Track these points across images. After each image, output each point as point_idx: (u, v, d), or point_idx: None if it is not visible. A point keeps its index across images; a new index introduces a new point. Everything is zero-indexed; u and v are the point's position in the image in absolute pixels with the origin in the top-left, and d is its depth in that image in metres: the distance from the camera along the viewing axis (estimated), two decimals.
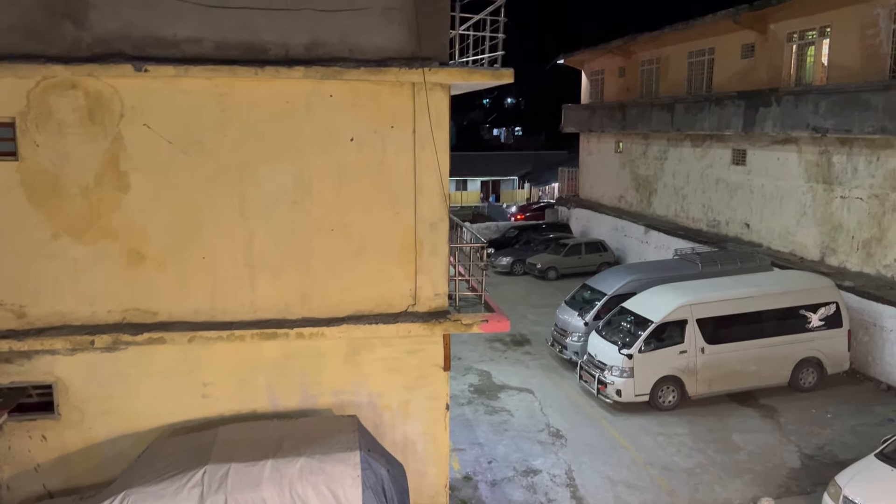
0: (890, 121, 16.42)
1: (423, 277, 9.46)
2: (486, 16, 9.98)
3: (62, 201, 8.46)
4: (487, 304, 10.23)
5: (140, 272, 8.81)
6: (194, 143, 8.60)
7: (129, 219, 8.64)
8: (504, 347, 19.80)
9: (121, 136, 8.42)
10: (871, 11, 18.30)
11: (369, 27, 8.73)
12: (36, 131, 8.24)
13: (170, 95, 8.43)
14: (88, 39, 8.11)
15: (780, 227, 21.87)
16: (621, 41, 30.80)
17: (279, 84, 8.63)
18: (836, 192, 19.55)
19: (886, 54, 17.90)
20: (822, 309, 16.27)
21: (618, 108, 30.92)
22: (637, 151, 30.88)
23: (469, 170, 56.32)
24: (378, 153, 9.08)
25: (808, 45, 21.39)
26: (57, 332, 8.69)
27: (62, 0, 8.01)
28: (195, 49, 8.34)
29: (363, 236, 9.21)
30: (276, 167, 8.84)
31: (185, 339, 8.87)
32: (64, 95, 8.22)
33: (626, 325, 16.23)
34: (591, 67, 35.69)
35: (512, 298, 24.87)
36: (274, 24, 8.49)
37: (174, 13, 8.19)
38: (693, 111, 24.82)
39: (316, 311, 9.25)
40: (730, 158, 24.40)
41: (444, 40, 8.95)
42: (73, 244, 8.60)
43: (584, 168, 37.00)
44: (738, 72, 23.94)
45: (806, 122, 19.10)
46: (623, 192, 32.24)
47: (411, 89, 8.95)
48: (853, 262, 19.01)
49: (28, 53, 7.98)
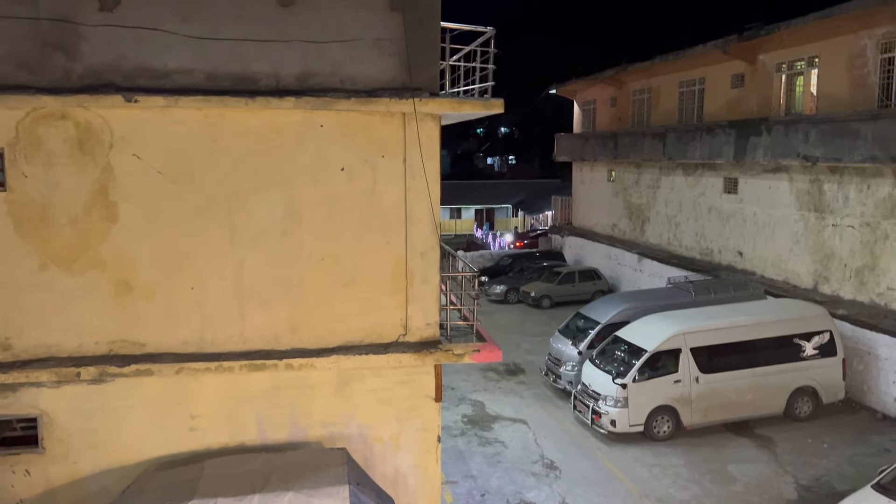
0: (879, 150, 16.55)
1: (414, 307, 9.39)
2: (476, 47, 10.05)
3: (50, 232, 8.40)
4: (479, 334, 10.14)
5: (128, 303, 8.72)
6: (184, 173, 8.57)
7: (117, 249, 8.57)
8: (498, 377, 19.66)
9: (110, 166, 8.39)
10: (858, 42, 18.56)
11: (360, 58, 8.77)
12: (24, 162, 8.21)
13: (160, 126, 8.42)
14: (79, 70, 8.12)
15: (772, 255, 21.92)
16: (612, 71, 31.14)
17: (270, 114, 8.64)
18: (827, 221, 19.63)
19: (875, 84, 18.12)
20: (816, 337, 16.24)
21: (610, 138, 31.15)
22: (629, 180, 31.04)
23: (463, 198, 56.55)
24: (369, 183, 9.06)
25: (796, 75, 21.65)
26: (43, 365, 8.56)
27: (54, 32, 8.03)
28: (186, 80, 8.35)
29: (354, 266, 9.15)
30: (267, 197, 8.81)
31: (173, 370, 8.75)
32: (53, 126, 8.20)
33: (620, 354, 16.15)
34: (583, 97, 36.03)
35: (506, 327, 24.77)
36: (265, 54, 8.52)
37: (165, 45, 8.21)
38: (684, 140, 25.02)
39: (306, 341, 9.16)
40: (722, 187, 24.53)
41: (434, 71, 8.99)
42: (60, 275, 8.52)
43: (577, 196, 37.15)
44: (729, 101, 24.18)
45: (796, 151, 19.25)
46: (616, 221, 32.34)
47: (402, 119, 8.96)
48: (846, 291, 19.02)
49: (18, 84, 7.98)
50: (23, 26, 7.95)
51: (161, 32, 8.16)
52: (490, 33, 9.78)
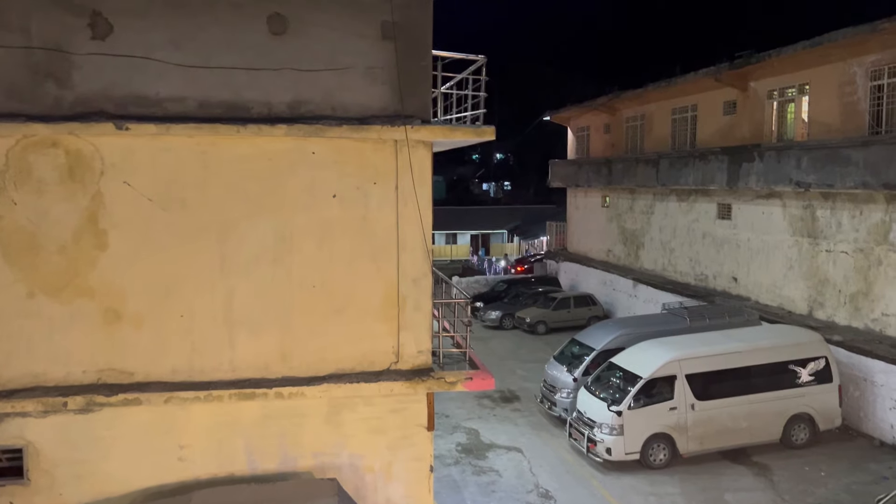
0: (871, 176, 16.64)
1: (406, 334, 9.32)
2: (467, 75, 10.11)
3: (39, 259, 8.34)
4: (472, 361, 10.05)
5: (117, 331, 8.63)
6: (175, 201, 8.54)
7: (106, 277, 8.51)
8: (493, 404, 19.50)
9: (100, 193, 8.35)
10: (847, 70, 18.74)
11: (352, 86, 8.80)
12: (14, 189, 8.17)
13: (151, 153, 8.41)
14: (70, 98, 8.12)
15: (767, 280, 21.92)
16: (606, 98, 31.39)
17: (261, 141, 8.64)
18: (821, 246, 19.66)
19: (865, 111, 18.26)
20: (812, 364, 16.18)
21: (604, 164, 31.30)
22: (624, 206, 31.13)
23: (459, 224, 56.63)
24: (361, 209, 9.04)
25: (788, 102, 21.84)
26: (29, 394, 8.44)
27: (46, 60, 8.04)
28: (177, 107, 8.36)
29: (345, 293, 9.10)
30: (258, 224, 8.78)
31: (162, 399, 8.64)
32: (44, 154, 8.18)
33: (615, 380, 16.05)
34: (577, 124, 36.27)
35: (501, 353, 24.65)
36: (257, 82, 8.55)
37: (157, 73, 8.23)
38: (678, 166, 25.15)
39: (296, 369, 9.06)
40: (715, 213, 24.61)
41: (426, 99, 9.03)
42: (48, 303, 8.44)
43: (571, 222, 37.23)
44: (721, 128, 24.35)
45: (789, 177, 19.35)
46: (611, 246, 32.37)
47: (394, 146, 8.97)
48: (841, 316, 18.99)
49: (10, 112, 7.97)
50: (15, 55, 7.97)
51: (153, 61, 8.18)
52: (481, 61, 9.84)
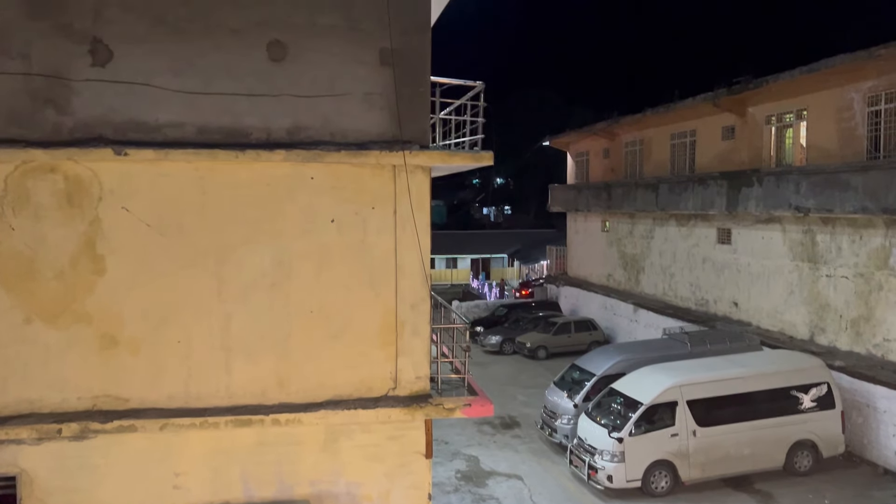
0: (870, 200, 16.65)
1: (404, 360, 9.24)
2: (466, 101, 10.16)
3: (36, 285, 8.31)
4: (471, 387, 9.97)
5: (113, 357, 8.57)
6: (173, 226, 8.54)
7: (103, 302, 8.47)
8: (493, 431, 19.33)
9: (98, 219, 8.35)
10: (845, 95, 18.85)
11: (351, 112, 8.84)
12: (12, 215, 8.17)
13: (150, 178, 8.41)
14: (70, 124, 8.15)
15: (768, 305, 21.84)
16: (605, 124, 31.57)
17: (260, 167, 8.65)
18: (821, 271, 19.63)
19: (863, 136, 18.33)
20: (814, 389, 16.06)
21: (603, 189, 31.38)
22: (623, 230, 31.15)
23: (459, 248, 56.67)
24: (359, 234, 9.03)
25: (786, 127, 21.94)
26: (23, 421, 8.36)
27: (46, 87, 8.09)
28: (177, 133, 8.39)
29: (343, 318, 9.05)
30: (256, 249, 8.76)
31: (157, 426, 8.55)
32: (42, 179, 8.19)
33: (616, 406, 15.93)
34: (576, 149, 36.43)
35: (501, 379, 24.50)
36: (256, 108, 8.58)
37: (156, 99, 8.27)
38: (677, 191, 25.20)
39: (293, 395, 8.98)
40: (715, 237, 24.61)
41: (424, 124, 9.06)
42: (45, 329, 8.39)
43: (571, 246, 37.24)
44: (720, 153, 24.44)
45: (788, 202, 19.37)
46: (611, 271, 32.34)
47: (392, 171, 8.98)
48: (843, 342, 18.89)
49: (9, 138, 8.00)
50: (15, 81, 8.01)
51: (152, 87, 8.23)
52: (479, 87, 9.90)
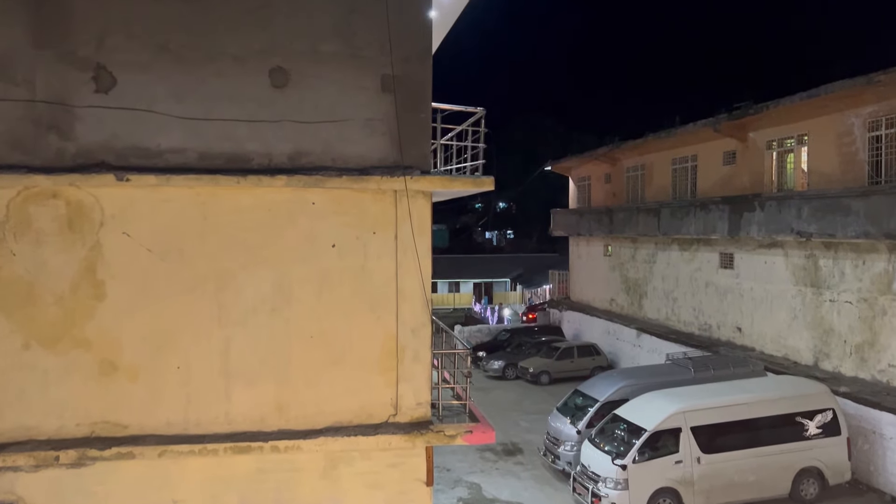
0: (872, 225, 16.63)
1: (404, 386, 9.18)
2: (467, 127, 10.20)
3: (35, 310, 8.29)
4: (473, 413, 9.89)
5: (112, 383, 8.52)
6: (173, 251, 8.54)
7: (103, 328, 8.44)
8: (495, 457, 19.15)
9: (99, 244, 8.36)
10: (845, 121, 18.92)
11: (352, 137, 8.88)
12: (13, 240, 8.18)
13: (151, 204, 8.43)
14: (72, 150, 8.19)
15: (771, 330, 21.73)
16: (606, 149, 31.69)
17: (261, 192, 8.67)
18: (825, 296, 19.54)
19: (864, 161, 18.36)
20: (819, 416, 15.91)
21: (605, 213, 31.41)
22: (626, 255, 31.12)
23: (462, 272, 56.60)
24: (359, 259, 9.02)
25: (787, 153, 21.99)
26: (21, 448, 8.28)
27: (49, 113, 8.14)
28: (178, 159, 8.42)
29: (343, 343, 9.00)
30: (256, 274, 8.75)
31: (156, 453, 8.47)
32: (44, 205, 8.21)
33: (619, 433, 15.78)
34: (578, 174, 36.53)
35: (503, 404, 24.32)
36: (258, 134, 8.62)
37: (159, 124, 8.31)
38: (679, 216, 25.20)
39: (293, 422, 8.91)
40: (717, 262, 24.56)
41: (425, 149, 9.09)
42: (44, 354, 8.36)
43: (574, 271, 37.17)
44: (721, 177, 24.48)
45: (790, 227, 19.35)
46: (614, 295, 32.25)
47: (393, 196, 9.00)
48: (847, 367, 18.75)
49: (11, 164, 8.03)
50: (18, 108, 8.07)
51: (155, 113, 8.28)
52: (480, 113, 9.95)
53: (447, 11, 10.87)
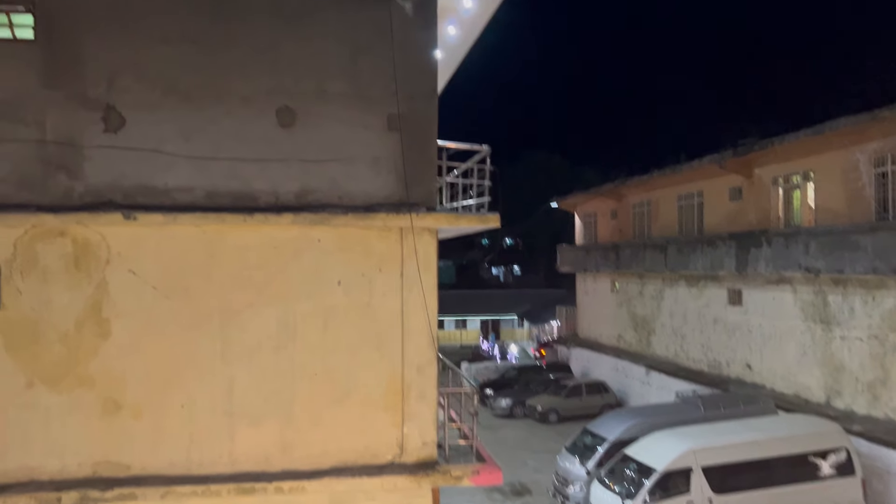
0: (881, 261, 16.52)
1: (410, 425, 9.07)
2: (473, 165, 10.25)
3: (40, 348, 8.27)
4: (479, 454, 9.75)
5: (115, 422, 8.46)
6: (179, 289, 8.54)
7: (107, 366, 8.41)
8: (503, 498, 18.83)
9: (105, 282, 8.37)
10: (850, 157, 18.93)
11: (358, 175, 8.93)
12: (20, 279, 8.20)
13: (157, 242, 8.46)
14: (80, 189, 8.26)
15: (781, 367, 21.47)
16: (612, 185, 31.79)
17: (268, 230, 8.70)
18: (834, 333, 19.34)
19: (871, 197, 18.32)
20: (833, 455, 15.61)
21: (611, 249, 31.36)
22: (633, 291, 30.98)
23: (468, 308, 56.36)
24: (365, 296, 8.99)
25: (793, 189, 21.99)
26: (23, 489, 8.20)
27: (58, 153, 8.23)
28: (185, 197, 8.47)
29: (348, 381, 8.93)
30: (261, 311, 8.72)
31: (158, 494, 8.36)
32: (51, 243, 8.25)
33: (629, 473, 15.52)
34: (584, 210, 36.59)
35: (511, 443, 24.00)
36: (265, 173, 8.68)
37: (166, 163, 8.39)
38: (686, 252, 25.13)
39: (297, 462, 8.79)
40: (726, 298, 24.40)
41: (431, 187, 9.12)
42: (47, 393, 8.31)
43: (581, 307, 36.99)
44: (728, 213, 24.46)
45: (798, 263, 19.24)
46: (622, 332, 32.02)
47: (399, 233, 9.01)
48: (860, 405, 18.46)
49: (20, 203, 8.09)
50: (28, 148, 8.17)
51: (163, 153, 8.36)
52: (485, 151, 10.01)
53: (453, 51, 11.03)
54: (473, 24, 10.13)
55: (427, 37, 9.05)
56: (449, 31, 10.11)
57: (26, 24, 8.35)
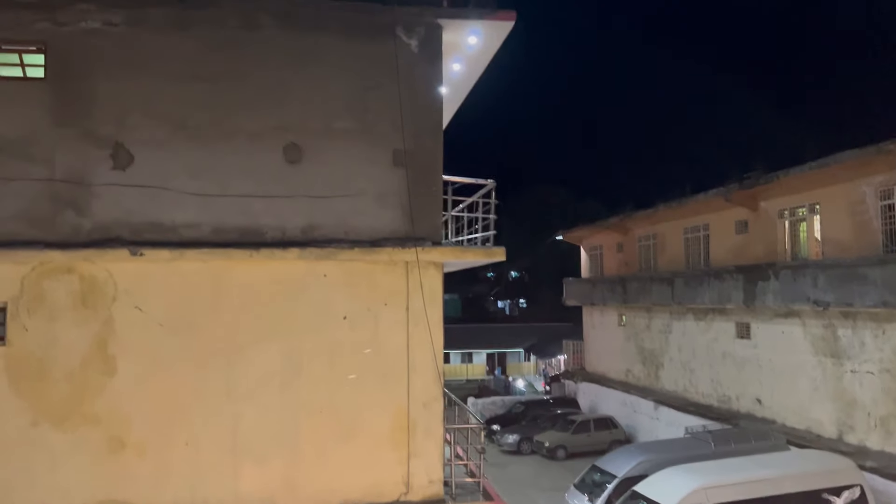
0: (891, 294, 16.37)
1: (416, 462, 8.97)
2: (478, 199, 10.29)
3: (45, 386, 8.24)
4: (486, 491, 9.61)
5: (119, 460, 8.38)
6: (185, 325, 8.53)
7: (112, 404, 8.36)
8: None
9: (112, 318, 8.37)
10: (856, 189, 18.90)
11: (364, 210, 8.97)
12: (27, 316, 8.21)
13: (164, 278, 8.48)
14: (88, 226, 8.31)
15: (793, 402, 21.18)
16: (617, 218, 31.76)
17: (274, 265, 8.72)
18: (845, 367, 19.11)
19: (878, 229, 18.22)
20: (847, 492, 15.31)
21: (618, 282, 31.24)
22: (641, 324, 30.77)
23: (474, 342, 56.04)
24: (371, 331, 8.97)
25: (799, 221, 21.92)
26: None
27: (67, 190, 8.30)
28: (192, 233, 8.51)
29: (353, 418, 8.86)
30: (267, 347, 8.70)
31: None
32: (58, 280, 8.27)
33: None
34: (590, 243, 36.56)
35: (520, 481, 23.65)
36: (272, 208, 8.73)
37: (174, 200, 8.45)
38: (693, 285, 25.00)
39: (303, 500, 8.68)
40: (734, 332, 24.19)
41: (436, 221, 9.15)
42: (52, 432, 8.26)
43: (588, 341, 36.73)
44: (734, 246, 24.38)
45: (806, 296, 19.10)
46: (630, 366, 31.73)
47: (405, 267, 9.02)
48: (873, 441, 18.15)
49: (28, 240, 8.14)
50: (37, 186, 8.24)
51: (170, 190, 8.42)
52: (491, 185, 10.05)
53: (458, 87, 11.13)
54: (478, 60, 10.24)
55: (432, 74, 9.17)
56: (454, 68, 10.22)
57: (37, 63, 8.49)
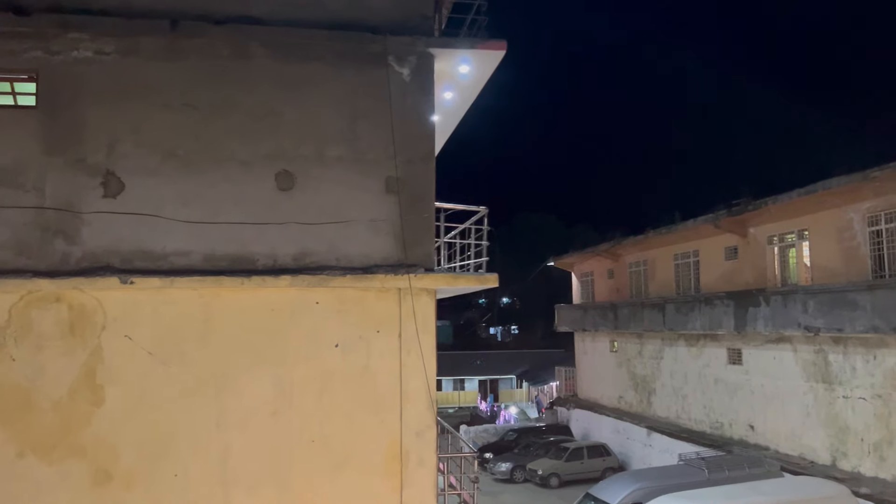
0: (880, 320, 16.44)
1: (409, 492, 8.84)
2: (470, 225, 10.29)
3: (31, 417, 8.10)
4: None
5: (106, 493, 8.21)
6: (175, 354, 8.43)
7: (100, 435, 8.22)
8: None
9: (100, 347, 8.26)
10: (844, 216, 19.06)
11: (356, 237, 8.94)
12: (14, 345, 8.09)
13: (154, 306, 8.40)
14: (78, 254, 8.23)
15: (785, 428, 21.11)
16: (608, 245, 31.86)
17: (265, 293, 8.65)
18: (837, 392, 19.10)
19: (866, 255, 18.35)
20: None
21: (609, 309, 31.24)
22: (632, 351, 30.72)
23: (466, 369, 55.74)
24: (363, 358, 8.89)
25: (788, 247, 22.06)
26: None
27: (57, 218, 8.23)
28: (183, 261, 8.45)
29: (345, 447, 8.74)
30: (258, 376, 8.60)
31: None
32: (47, 309, 8.17)
33: None
34: (581, 269, 36.60)
35: None
36: (263, 236, 8.69)
37: (164, 228, 8.40)
38: (684, 311, 25.03)
39: None
40: (725, 358, 24.18)
41: (429, 248, 9.13)
42: (38, 464, 8.10)
43: (580, 367, 36.61)
44: (724, 272, 24.47)
45: (797, 322, 19.14)
46: (622, 393, 31.60)
47: (397, 294, 8.97)
48: (867, 467, 18.08)
49: (16, 269, 8.05)
50: (27, 214, 8.17)
51: (161, 218, 8.37)
52: (483, 212, 10.06)
53: (450, 115, 11.19)
54: (470, 88, 10.31)
55: (424, 102, 9.21)
56: (445, 96, 10.28)
57: (29, 91, 8.48)
